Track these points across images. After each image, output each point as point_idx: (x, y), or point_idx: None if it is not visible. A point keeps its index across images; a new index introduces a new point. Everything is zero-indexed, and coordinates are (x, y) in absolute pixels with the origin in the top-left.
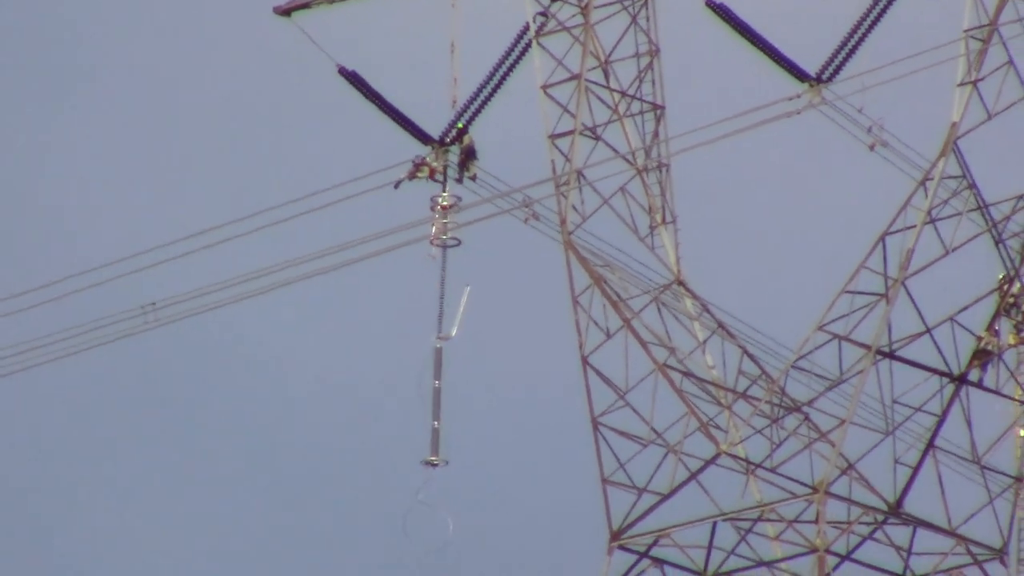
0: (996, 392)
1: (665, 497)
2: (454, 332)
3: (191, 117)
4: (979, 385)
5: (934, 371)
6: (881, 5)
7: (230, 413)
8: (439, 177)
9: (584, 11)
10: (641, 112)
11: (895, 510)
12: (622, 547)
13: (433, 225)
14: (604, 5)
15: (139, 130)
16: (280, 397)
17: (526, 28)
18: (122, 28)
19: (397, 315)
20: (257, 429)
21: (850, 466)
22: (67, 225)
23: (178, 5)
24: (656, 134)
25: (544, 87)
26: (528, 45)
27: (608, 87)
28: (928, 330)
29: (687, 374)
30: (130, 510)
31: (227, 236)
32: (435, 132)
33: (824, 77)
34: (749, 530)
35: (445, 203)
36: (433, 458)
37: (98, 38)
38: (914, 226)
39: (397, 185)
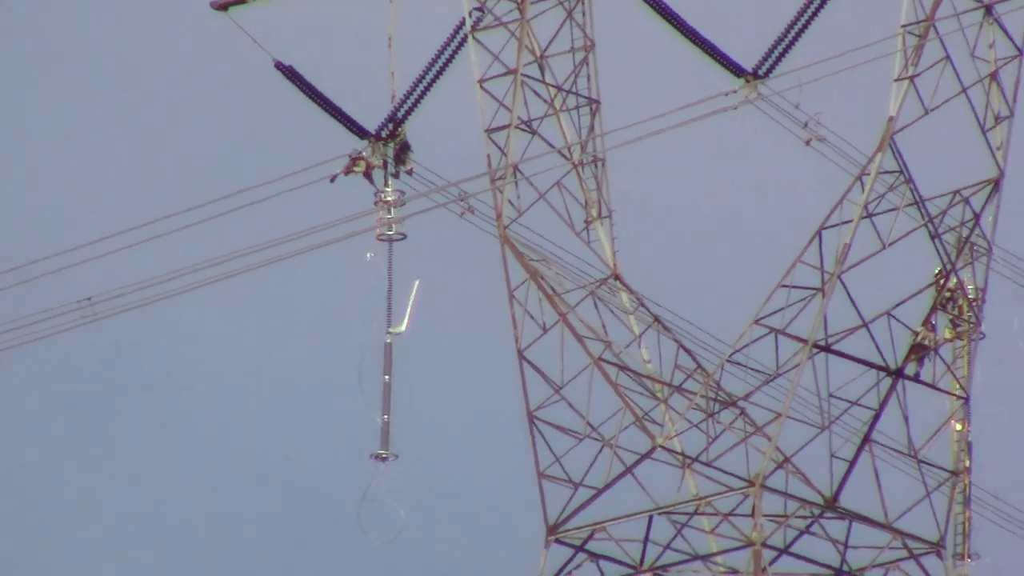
0: (932, 386)
1: (601, 491)
2: (404, 327)
3: (127, 111)
4: (915, 379)
5: (871, 365)
6: (818, 1)
7: (168, 409)
8: (375, 174)
9: (520, 6)
10: (577, 107)
11: (831, 504)
12: (558, 541)
13: (377, 220)
14: (540, 0)
15: (73, 124)
16: (220, 393)
17: (462, 23)
18: (56, 20)
19: (335, 309)
20: (197, 425)
21: (786, 460)
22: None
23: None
24: (592, 129)
25: (480, 82)
26: (464, 40)
27: (544, 82)
28: (865, 324)
29: (623, 368)
30: (65, 507)
31: (164, 230)
32: (372, 127)
33: (761, 72)
34: (685, 524)
35: (389, 198)
36: (382, 452)
37: (32, 29)
38: (851, 220)
39: (333, 179)
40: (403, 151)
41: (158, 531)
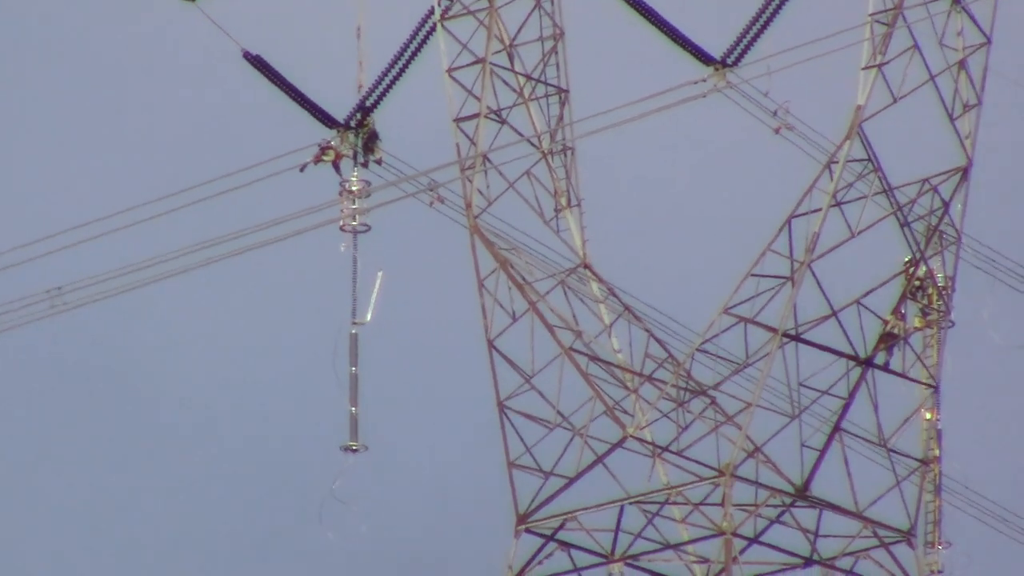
0: (902, 375)
1: (571, 480)
2: (369, 317)
3: (96, 101)
4: (885, 368)
5: (840, 354)
6: None
7: (136, 399)
8: (342, 164)
9: None
10: (546, 95)
11: (802, 493)
12: (529, 530)
13: (342, 211)
14: None
15: (41, 113)
16: (188, 383)
17: (431, 12)
18: (24, 8)
19: (305, 299)
20: (164, 415)
21: (756, 449)
22: None
23: None
24: (561, 117)
25: (449, 71)
26: (433, 29)
27: (513, 70)
28: (834, 313)
29: (593, 358)
30: (34, 498)
31: (133, 220)
32: (341, 116)
33: (729, 61)
34: (656, 513)
35: (354, 188)
36: (352, 443)
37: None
38: (820, 209)
39: (303, 168)
40: (372, 140)
41: (124, 522)
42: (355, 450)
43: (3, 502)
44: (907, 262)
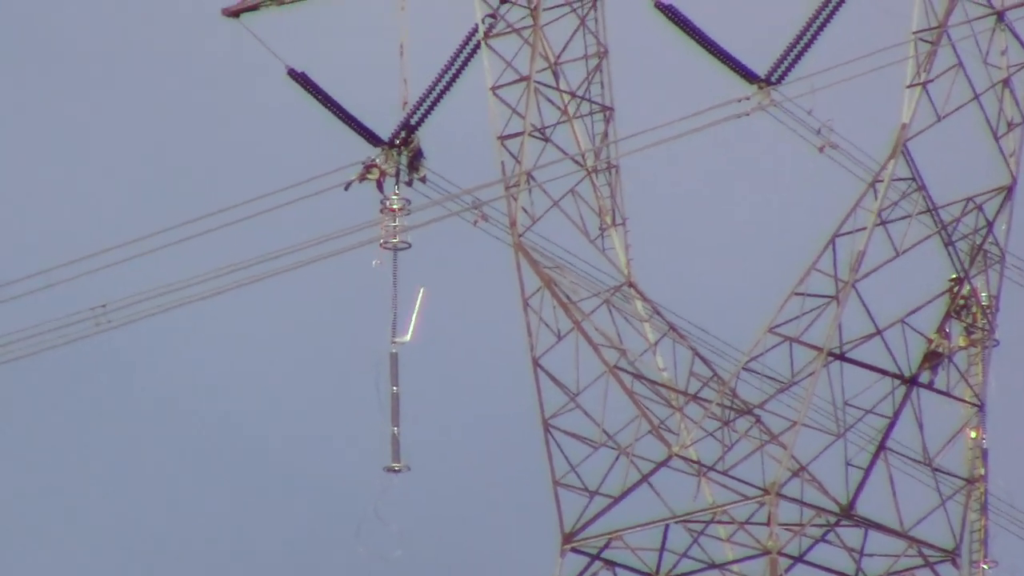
0: (947, 394)
1: (617, 499)
2: (409, 336)
3: (141, 118)
4: (930, 387)
5: (885, 373)
6: (831, 7)
7: (180, 417)
8: (386, 182)
9: (533, 13)
10: (590, 113)
11: (847, 512)
12: (574, 549)
13: (383, 228)
14: (553, 7)
15: (89, 131)
16: (233, 401)
17: (475, 30)
18: (69, 27)
19: (349, 318)
20: (209, 434)
21: (802, 468)
22: (15, 226)
23: (125, 6)
24: (605, 135)
25: (493, 88)
26: (477, 47)
27: (557, 88)
28: (879, 332)
29: (638, 376)
30: (79, 516)
31: (177, 238)
32: (385, 134)
33: (773, 79)
34: (701, 532)
35: (395, 206)
36: (395, 464)
37: (45, 36)
38: (864, 228)
39: (347, 187)
40: (416, 158)
41: (163, 539)
42: (397, 471)
43: (46, 520)
44: (951, 281)
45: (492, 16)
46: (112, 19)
